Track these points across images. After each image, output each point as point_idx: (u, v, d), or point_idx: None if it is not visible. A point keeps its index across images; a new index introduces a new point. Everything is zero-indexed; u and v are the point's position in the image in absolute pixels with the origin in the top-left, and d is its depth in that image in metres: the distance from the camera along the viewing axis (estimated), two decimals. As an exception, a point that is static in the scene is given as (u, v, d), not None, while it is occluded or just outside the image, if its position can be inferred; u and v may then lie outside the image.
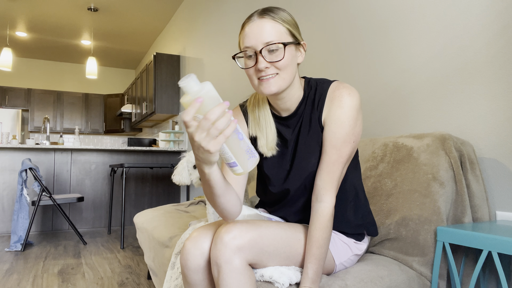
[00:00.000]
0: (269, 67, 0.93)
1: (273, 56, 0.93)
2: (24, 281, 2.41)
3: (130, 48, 7.01)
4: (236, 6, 3.38)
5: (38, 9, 5.23)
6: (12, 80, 7.42)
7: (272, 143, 1.06)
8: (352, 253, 1.13)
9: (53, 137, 7.63)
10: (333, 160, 0.98)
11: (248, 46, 0.93)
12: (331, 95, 1.01)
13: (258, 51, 0.93)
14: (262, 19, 0.93)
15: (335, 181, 0.99)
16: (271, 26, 0.92)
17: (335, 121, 0.99)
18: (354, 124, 0.99)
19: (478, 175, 1.25)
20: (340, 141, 0.98)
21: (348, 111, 0.98)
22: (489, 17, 1.31)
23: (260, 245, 0.93)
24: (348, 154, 1.00)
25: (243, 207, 1.08)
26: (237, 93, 3.34)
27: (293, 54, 0.97)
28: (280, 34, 0.93)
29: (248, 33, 0.93)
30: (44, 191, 3.47)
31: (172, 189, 4.92)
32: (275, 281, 0.96)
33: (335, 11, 2.08)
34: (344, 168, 1.01)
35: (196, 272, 0.99)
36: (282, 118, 1.07)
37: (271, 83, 0.94)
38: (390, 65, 1.71)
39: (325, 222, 0.97)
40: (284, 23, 0.94)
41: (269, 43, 0.92)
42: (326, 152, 0.99)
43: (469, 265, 1.20)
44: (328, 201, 0.98)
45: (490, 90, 1.31)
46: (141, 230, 2.17)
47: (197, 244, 0.98)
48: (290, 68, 0.96)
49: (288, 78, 0.97)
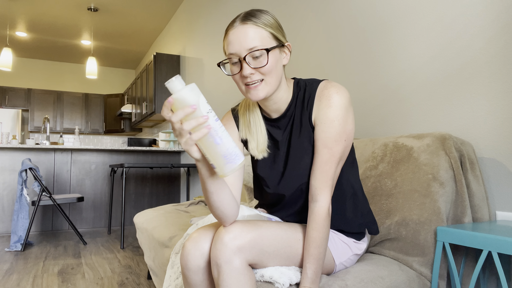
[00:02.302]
0: (254, 73, 0.94)
1: (257, 62, 0.93)
2: (24, 281, 2.41)
3: (130, 48, 7.01)
4: (236, 6, 3.38)
5: (38, 9, 5.23)
6: (12, 80, 7.42)
7: (262, 145, 1.07)
8: (352, 252, 1.13)
9: (53, 137, 7.63)
10: (325, 160, 0.98)
11: (232, 52, 0.94)
12: (320, 95, 1.01)
13: (242, 57, 0.93)
14: (244, 25, 0.93)
15: (329, 180, 0.98)
16: (254, 32, 0.92)
17: (325, 120, 0.99)
18: (345, 123, 0.99)
19: (478, 175, 1.25)
20: (331, 140, 0.98)
21: (338, 109, 0.98)
22: (489, 17, 1.31)
23: (260, 246, 0.93)
24: (341, 153, 0.99)
25: (243, 207, 1.09)
26: (237, 92, 3.34)
27: (277, 58, 0.96)
28: (263, 39, 0.93)
29: (232, 40, 0.93)
30: (44, 191, 3.47)
31: (172, 189, 4.92)
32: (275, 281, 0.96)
33: (335, 11, 2.08)
34: (338, 167, 1.01)
35: (196, 273, 0.99)
36: (273, 120, 1.07)
37: (259, 89, 0.95)
38: (390, 65, 1.71)
39: (321, 222, 0.97)
40: (266, 27, 0.94)
41: (252, 49, 0.92)
42: (318, 152, 0.99)
43: (469, 265, 1.20)
44: (323, 201, 0.98)
45: (490, 90, 1.31)
46: (141, 230, 2.17)
47: (197, 245, 0.98)
48: (275, 72, 0.96)
49: (274, 82, 0.97)
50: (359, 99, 1.88)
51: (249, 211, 1.09)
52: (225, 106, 3.58)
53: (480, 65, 1.34)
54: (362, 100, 1.87)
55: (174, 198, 4.93)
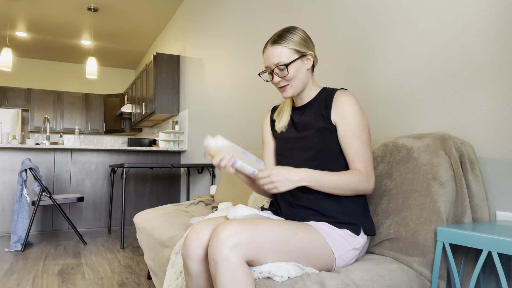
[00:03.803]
0: (281, 80, 1.26)
1: (282, 73, 1.25)
2: (24, 281, 2.41)
3: (130, 48, 7.01)
4: (236, 6, 3.38)
5: (38, 9, 5.23)
6: (12, 80, 7.42)
7: (284, 123, 1.37)
8: (350, 246, 1.15)
9: (53, 137, 7.63)
10: (359, 147, 1.19)
11: (266, 66, 1.28)
12: (337, 96, 1.25)
13: (271, 70, 1.26)
14: (272, 46, 1.24)
15: (369, 164, 1.19)
16: (280, 52, 1.23)
17: (346, 115, 1.21)
18: (363, 116, 1.22)
19: (478, 175, 1.25)
20: (357, 130, 1.20)
21: (354, 106, 1.22)
22: (489, 17, 1.31)
23: (257, 242, 0.97)
24: (368, 140, 1.21)
25: (243, 207, 1.12)
26: (236, 92, 3.34)
27: (298, 66, 1.25)
28: (285, 56, 1.23)
29: (265, 57, 1.27)
30: (44, 191, 3.47)
31: (172, 189, 4.92)
32: (274, 274, 0.97)
33: (335, 11, 2.08)
34: (370, 151, 1.21)
35: (196, 262, 1.07)
36: (297, 108, 1.37)
37: (287, 91, 1.28)
38: (390, 65, 1.71)
39: (355, 179, 1.16)
40: (289, 45, 1.23)
41: (277, 65, 1.24)
42: (351, 142, 1.20)
43: (469, 265, 1.20)
44: (368, 177, 1.19)
45: (490, 90, 1.31)
46: (141, 230, 2.17)
47: (197, 235, 1.07)
48: (298, 77, 1.25)
49: (298, 85, 1.27)
50: (359, 99, 1.88)
51: (248, 210, 1.12)
52: (225, 105, 3.59)
53: (480, 65, 1.34)
54: (362, 100, 1.87)
55: (174, 198, 4.93)
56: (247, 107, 3.12)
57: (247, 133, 3.12)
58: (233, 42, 3.44)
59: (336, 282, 1.00)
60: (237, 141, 3.31)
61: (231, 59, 3.49)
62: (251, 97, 3.06)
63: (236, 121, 3.33)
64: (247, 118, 3.12)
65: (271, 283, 0.97)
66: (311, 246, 1.07)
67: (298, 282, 0.98)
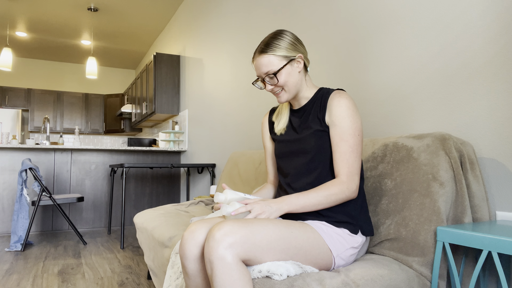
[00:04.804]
0: (273, 87, 1.27)
1: (273, 80, 1.26)
2: (24, 281, 2.41)
3: (130, 48, 7.01)
4: (236, 6, 3.38)
5: (38, 9, 5.23)
6: (12, 80, 7.42)
7: (282, 125, 1.37)
8: (348, 245, 1.15)
9: (53, 137, 7.62)
10: (344, 151, 1.18)
11: (257, 75, 1.29)
12: (332, 98, 1.23)
13: (262, 78, 1.27)
14: (260, 56, 1.25)
15: (353, 169, 1.17)
16: (267, 61, 1.23)
17: (337, 117, 1.20)
18: (354, 119, 1.19)
19: (478, 175, 1.25)
20: (346, 134, 1.18)
21: (346, 108, 1.20)
22: (489, 17, 1.31)
23: (252, 240, 0.98)
24: (357, 144, 1.18)
25: (228, 192, 1.17)
26: (236, 92, 3.34)
27: (288, 71, 1.24)
28: (273, 64, 1.23)
29: (255, 66, 1.28)
30: (44, 191, 3.47)
31: (172, 189, 4.92)
32: (273, 273, 0.97)
33: (335, 11, 2.08)
34: (358, 158, 1.18)
35: (193, 262, 1.08)
36: (295, 110, 1.36)
37: (281, 96, 1.28)
38: (390, 65, 1.71)
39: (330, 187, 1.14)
40: (277, 53, 1.22)
41: (266, 73, 1.25)
42: (337, 145, 1.19)
43: (469, 265, 1.20)
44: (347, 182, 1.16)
45: (490, 90, 1.31)
46: (141, 230, 2.17)
47: (193, 234, 1.09)
48: (290, 81, 1.25)
49: (292, 89, 1.27)
50: (359, 99, 1.88)
51: (234, 194, 1.17)
52: (225, 105, 3.59)
53: (480, 65, 1.34)
54: (362, 100, 1.87)
55: (174, 198, 4.93)
56: (247, 107, 3.12)
57: (247, 133, 3.12)
58: (233, 42, 3.44)
59: (336, 281, 1.00)
60: (237, 141, 3.31)
61: (231, 59, 3.49)
62: (251, 97, 3.06)
63: (236, 121, 3.33)
64: (247, 118, 3.13)
65: (270, 282, 0.97)
66: (308, 244, 1.07)
67: (298, 280, 0.98)
